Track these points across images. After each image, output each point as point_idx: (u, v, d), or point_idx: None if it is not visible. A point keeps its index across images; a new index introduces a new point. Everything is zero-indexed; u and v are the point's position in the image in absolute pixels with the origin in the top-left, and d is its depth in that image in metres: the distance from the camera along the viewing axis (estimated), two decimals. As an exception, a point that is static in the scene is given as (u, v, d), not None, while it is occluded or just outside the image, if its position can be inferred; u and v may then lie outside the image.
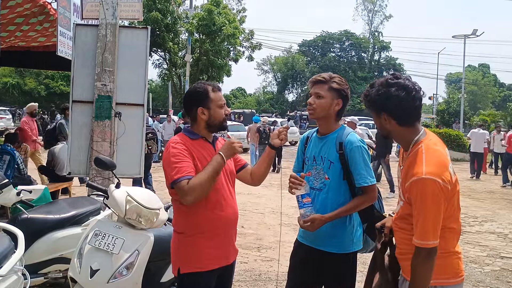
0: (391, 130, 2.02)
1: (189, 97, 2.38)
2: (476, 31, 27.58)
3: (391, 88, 1.94)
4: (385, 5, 59.99)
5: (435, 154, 1.90)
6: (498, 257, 5.54)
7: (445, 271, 1.94)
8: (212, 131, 2.39)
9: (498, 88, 55.77)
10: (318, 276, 2.53)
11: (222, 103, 2.35)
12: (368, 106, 2.05)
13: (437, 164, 1.85)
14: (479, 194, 10.52)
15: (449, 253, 1.95)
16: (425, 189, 1.81)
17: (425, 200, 1.82)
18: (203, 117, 2.32)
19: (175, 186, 2.18)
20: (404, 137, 2.01)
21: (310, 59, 55.68)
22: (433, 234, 1.82)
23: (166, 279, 3.22)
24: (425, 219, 1.83)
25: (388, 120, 1.99)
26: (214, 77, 24.43)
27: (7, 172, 5.61)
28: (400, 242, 2.06)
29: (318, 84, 2.49)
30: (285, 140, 2.48)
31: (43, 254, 3.46)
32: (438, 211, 1.82)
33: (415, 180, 1.84)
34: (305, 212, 2.41)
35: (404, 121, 1.98)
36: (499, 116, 24.88)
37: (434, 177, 1.81)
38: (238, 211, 2.43)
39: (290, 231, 6.38)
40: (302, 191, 2.40)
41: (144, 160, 5.19)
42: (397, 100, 1.92)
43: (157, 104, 40.82)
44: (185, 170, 2.17)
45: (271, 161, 2.54)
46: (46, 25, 6.14)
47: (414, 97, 1.94)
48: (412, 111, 1.96)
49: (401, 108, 1.94)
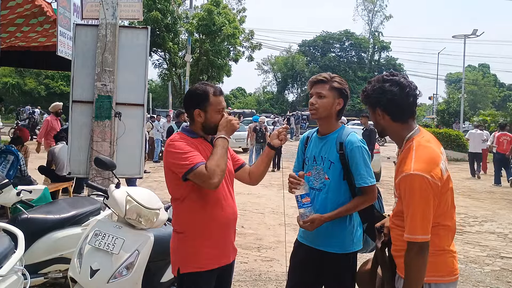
0: (385, 126, 2.06)
1: (189, 97, 2.38)
2: (476, 31, 27.56)
3: (386, 84, 2.00)
4: (385, 5, 59.86)
5: (425, 151, 1.92)
6: (498, 257, 5.54)
7: (439, 269, 1.95)
8: (207, 133, 2.38)
9: (498, 88, 55.74)
10: (318, 276, 2.53)
11: (220, 108, 2.33)
12: (365, 102, 2.10)
13: (426, 161, 1.88)
14: (479, 194, 10.52)
15: (444, 251, 1.97)
16: (413, 184, 1.84)
17: (413, 195, 1.85)
18: (199, 119, 2.32)
19: (191, 174, 2.15)
20: (398, 133, 2.06)
21: (310, 59, 55.67)
22: (421, 229, 1.83)
23: (166, 279, 3.22)
24: (413, 214, 1.85)
25: (382, 116, 2.04)
26: (214, 77, 24.41)
27: (10, 172, 5.62)
28: (395, 239, 2.08)
29: (319, 83, 2.49)
30: (285, 141, 2.49)
31: (43, 254, 3.46)
32: (427, 206, 1.84)
33: (403, 176, 1.88)
34: (305, 212, 2.41)
35: (397, 117, 2.02)
36: (499, 116, 24.86)
37: (422, 173, 1.84)
38: (237, 210, 2.43)
39: (290, 231, 6.37)
40: (302, 191, 2.41)
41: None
42: (391, 95, 1.97)
43: (157, 104, 40.83)
44: (198, 158, 2.18)
45: (270, 161, 2.54)
46: (46, 26, 6.14)
47: (408, 94, 1.99)
48: (405, 107, 2.01)
49: (394, 103, 1.99)
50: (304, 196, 2.41)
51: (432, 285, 1.95)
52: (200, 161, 2.16)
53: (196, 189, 2.23)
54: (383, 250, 2.16)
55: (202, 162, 2.16)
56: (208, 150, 2.32)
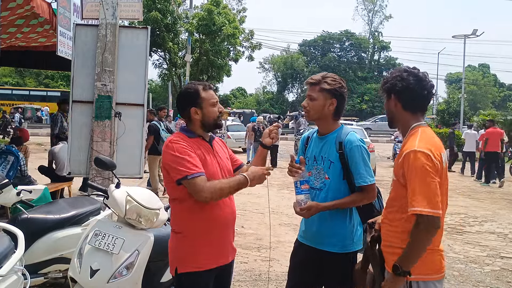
0: (396, 113, 2.16)
1: (182, 98, 2.39)
2: (476, 31, 27.51)
3: (405, 73, 2.11)
4: (385, 5, 59.91)
5: (431, 136, 2.04)
6: (498, 257, 5.54)
7: (429, 267, 2.00)
8: (207, 130, 2.39)
9: (498, 88, 55.76)
10: (318, 276, 2.53)
11: (214, 101, 2.35)
12: (383, 89, 2.20)
13: (430, 143, 1.98)
14: (479, 194, 10.52)
15: (434, 251, 2.01)
16: (416, 159, 1.91)
17: (416, 169, 1.90)
18: (197, 117, 2.33)
19: (186, 181, 2.15)
20: (406, 122, 2.13)
21: (310, 59, 55.66)
22: (428, 202, 1.86)
23: (166, 279, 3.22)
24: (417, 187, 1.88)
25: (395, 103, 2.13)
26: (214, 77, 24.40)
27: (9, 173, 5.63)
28: (386, 235, 2.13)
29: (311, 86, 2.52)
30: (276, 139, 2.51)
31: (43, 254, 3.46)
32: (432, 180, 1.89)
33: (407, 152, 1.95)
34: (302, 198, 2.42)
35: (408, 107, 2.11)
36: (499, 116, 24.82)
37: (426, 150, 1.92)
38: (236, 210, 2.43)
39: (290, 231, 6.38)
40: (300, 177, 2.42)
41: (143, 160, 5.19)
42: (407, 83, 2.08)
43: (157, 104, 40.83)
44: (197, 166, 2.17)
45: (264, 160, 2.55)
46: (46, 27, 6.14)
47: (423, 86, 2.08)
48: (419, 98, 2.10)
49: (408, 92, 2.08)
50: (303, 182, 2.42)
51: (420, 283, 1.99)
52: (197, 171, 2.16)
53: None
54: (372, 246, 2.20)
55: (199, 173, 2.16)
56: (206, 149, 2.33)
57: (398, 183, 2.05)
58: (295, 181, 2.44)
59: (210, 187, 2.15)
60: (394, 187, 2.10)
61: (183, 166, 2.15)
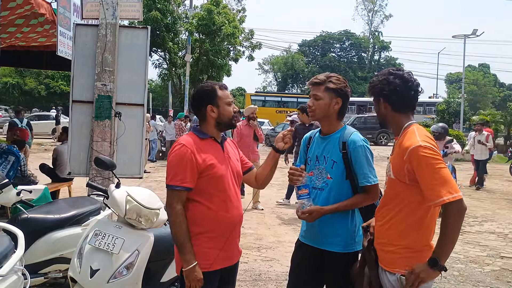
0: (387, 115, 2.20)
1: (198, 96, 2.39)
2: (476, 31, 27.47)
3: (390, 76, 2.16)
4: (385, 5, 60.11)
5: (426, 132, 2.10)
6: (498, 257, 5.54)
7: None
8: (221, 129, 2.40)
9: (498, 88, 55.69)
10: (319, 276, 2.53)
11: (230, 100, 2.38)
12: (371, 93, 2.24)
13: (429, 137, 2.05)
14: (479, 194, 10.52)
15: (428, 246, 2.05)
16: (424, 153, 1.95)
17: (428, 161, 1.94)
18: (213, 114, 2.34)
19: (169, 188, 2.23)
20: (397, 122, 2.18)
21: (310, 59, 55.65)
22: (449, 189, 1.88)
23: (166, 279, 3.22)
24: (435, 178, 1.91)
25: (384, 105, 2.19)
26: (214, 77, 24.38)
27: (10, 173, 5.62)
28: (378, 232, 2.16)
29: (315, 86, 2.52)
30: (290, 144, 2.48)
31: (43, 254, 3.46)
32: (442, 166, 1.94)
33: (412, 148, 1.98)
34: (302, 203, 2.43)
35: (398, 108, 2.17)
36: (499, 116, 24.79)
37: (429, 144, 1.97)
38: (242, 212, 2.42)
39: (290, 231, 6.38)
40: (299, 183, 2.43)
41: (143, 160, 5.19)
42: (393, 86, 2.13)
43: (157, 104, 40.78)
44: (185, 179, 2.21)
45: (276, 164, 2.53)
46: (46, 27, 6.13)
47: (409, 87, 2.14)
48: (407, 99, 2.16)
49: (396, 94, 2.13)
50: (301, 188, 2.43)
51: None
52: (186, 184, 2.21)
53: (201, 191, 2.25)
54: (369, 249, 2.23)
55: (186, 188, 2.21)
56: (216, 151, 2.33)
57: (396, 181, 2.07)
58: (295, 187, 2.45)
59: (176, 212, 2.20)
60: (391, 185, 2.12)
61: (175, 175, 2.22)
